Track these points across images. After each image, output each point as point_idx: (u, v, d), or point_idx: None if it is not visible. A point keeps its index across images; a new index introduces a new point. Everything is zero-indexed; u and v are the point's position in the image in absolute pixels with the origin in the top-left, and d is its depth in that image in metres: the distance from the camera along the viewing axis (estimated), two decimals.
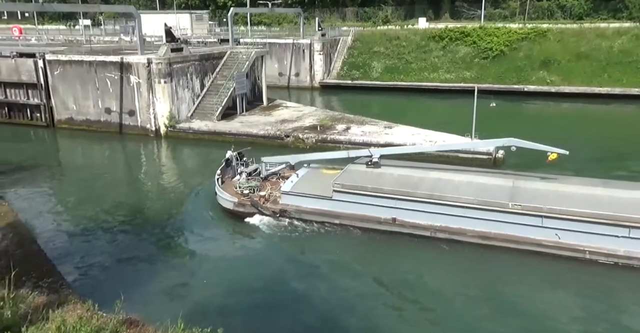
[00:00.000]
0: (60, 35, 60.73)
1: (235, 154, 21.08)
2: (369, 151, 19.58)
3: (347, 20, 74.93)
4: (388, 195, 17.27)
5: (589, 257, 15.24)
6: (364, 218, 17.66)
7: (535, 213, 15.72)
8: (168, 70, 31.27)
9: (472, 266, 15.57)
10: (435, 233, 16.88)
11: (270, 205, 18.86)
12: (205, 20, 70.94)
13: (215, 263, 15.75)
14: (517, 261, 15.56)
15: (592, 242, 15.21)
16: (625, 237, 14.86)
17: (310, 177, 19.70)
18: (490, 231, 16.27)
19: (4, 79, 34.47)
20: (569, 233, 15.47)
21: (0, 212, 14.90)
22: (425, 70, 48.53)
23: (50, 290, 9.07)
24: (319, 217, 18.22)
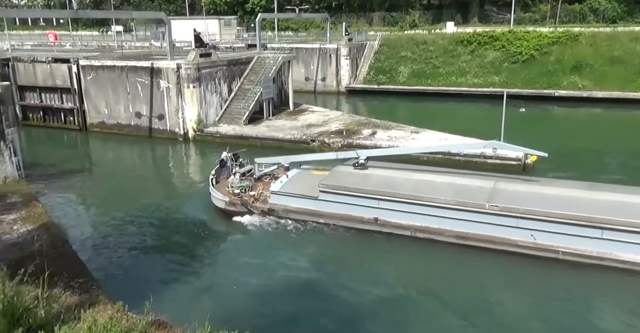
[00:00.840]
0: (93, 41, 62.38)
1: (231, 154, 21.61)
2: (356, 153, 20.12)
3: (374, 24, 74.81)
4: (370, 195, 17.77)
5: (562, 258, 15.48)
6: (348, 217, 18.14)
7: (511, 214, 16.01)
8: (197, 75, 31.77)
9: (447, 266, 15.81)
10: (415, 233, 17.27)
11: (260, 204, 19.41)
12: (233, 26, 71.91)
13: (241, 266, 15.86)
14: (493, 261, 15.80)
15: (566, 242, 15.45)
16: (598, 238, 15.11)
17: (300, 177, 20.27)
18: (468, 231, 16.57)
19: (39, 83, 35.54)
20: (544, 234, 15.72)
21: (34, 213, 15.32)
22: (452, 75, 48.07)
23: (81, 290, 9.29)
24: (305, 216, 18.73)
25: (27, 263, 8.16)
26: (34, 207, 15.96)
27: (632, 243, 14.84)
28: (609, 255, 15.07)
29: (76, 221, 19.68)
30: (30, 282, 6.86)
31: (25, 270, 6.53)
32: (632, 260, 14.84)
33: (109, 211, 20.78)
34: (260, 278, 15.15)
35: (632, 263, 14.84)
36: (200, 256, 16.92)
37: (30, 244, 12.61)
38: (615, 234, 14.95)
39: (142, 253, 17.07)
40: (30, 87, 36.06)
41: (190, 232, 18.86)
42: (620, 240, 14.95)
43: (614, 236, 14.98)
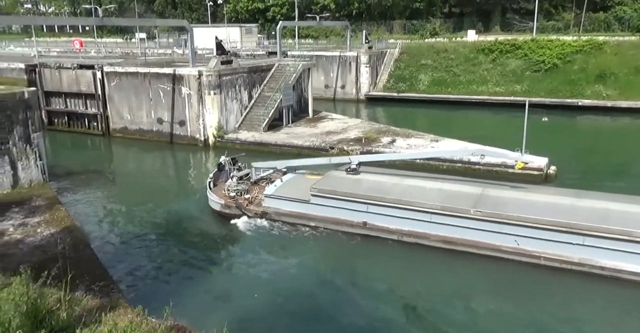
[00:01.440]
0: (117, 47, 63.55)
1: (229, 159, 22.08)
2: (348, 158, 20.81)
3: (394, 32, 74.85)
4: (359, 200, 18.11)
5: (544, 263, 15.59)
6: (338, 221, 18.47)
7: (495, 220, 16.17)
8: (218, 82, 32.10)
9: (431, 270, 16.04)
10: (402, 237, 17.50)
11: (254, 207, 19.88)
12: (254, 34, 72.60)
13: (257, 273, 15.89)
14: (476, 266, 15.93)
15: (548, 248, 15.57)
16: (579, 245, 15.22)
17: (293, 181, 20.73)
18: (453, 236, 16.77)
19: (64, 89, 36.29)
20: (527, 240, 15.84)
21: (57, 216, 15.60)
22: (473, 83, 47.71)
23: (102, 294, 9.40)
24: (297, 219, 19.13)
25: (49, 265, 8.28)
26: (57, 210, 16.26)
27: (612, 250, 14.87)
28: (590, 261, 15.14)
29: (97, 225, 19.96)
30: (53, 285, 6.95)
31: (49, 272, 6.62)
32: (613, 267, 14.87)
33: (129, 215, 21.05)
34: (273, 283, 15.15)
35: (612, 269, 14.88)
36: (218, 260, 16.99)
37: (53, 247, 12.84)
38: (597, 241, 15.02)
39: (160, 257, 17.20)
40: (56, 93, 36.83)
41: (208, 236, 18.99)
42: (601, 246, 15.01)
43: (595, 243, 15.05)
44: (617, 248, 14.78)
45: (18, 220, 15.30)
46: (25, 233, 14.25)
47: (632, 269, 14.68)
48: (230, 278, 15.90)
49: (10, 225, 14.85)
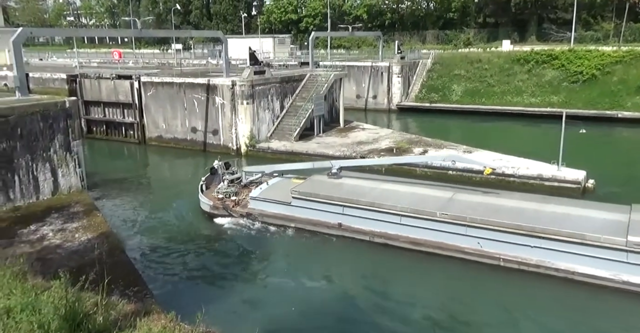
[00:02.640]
0: (154, 58, 65.34)
1: (222, 163, 23.07)
2: (330, 163, 21.96)
3: (427, 43, 74.49)
4: (335, 202, 19.00)
5: (503, 265, 16.11)
6: (316, 222, 19.34)
7: (459, 223, 16.83)
8: (250, 92, 32.53)
9: (396, 270, 16.65)
10: (374, 238, 18.29)
11: (239, 208, 20.92)
12: (287, 44, 73.51)
13: (288, 281, 15.92)
14: (441, 267, 16.54)
15: (508, 250, 16.12)
16: (537, 247, 15.75)
17: (279, 185, 21.72)
18: (420, 238, 17.44)
19: (103, 98, 37.40)
20: (489, 242, 16.41)
21: (94, 222, 16.02)
22: (508, 94, 46.91)
23: (136, 299, 9.57)
24: (279, 220, 20.08)
25: (86, 270, 8.49)
26: (94, 216, 16.69)
27: (568, 253, 15.40)
28: (546, 263, 15.66)
29: (132, 231, 20.39)
30: (90, 289, 7.12)
31: (87, 277, 6.79)
32: (566, 269, 15.39)
33: (163, 222, 21.44)
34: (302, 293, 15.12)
35: (566, 271, 15.39)
36: (250, 268, 17.09)
37: (90, 252, 13.18)
38: (553, 244, 15.57)
39: (192, 263, 17.42)
40: (95, 102, 37.98)
41: (241, 244, 19.16)
42: (557, 249, 15.55)
43: (552, 245, 15.59)
44: (571, 251, 15.35)
45: (57, 225, 15.77)
46: (63, 238, 14.67)
47: (584, 271, 15.17)
48: (260, 284, 15.94)
49: (50, 230, 15.32)
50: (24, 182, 18.62)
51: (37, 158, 19.19)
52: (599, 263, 14.96)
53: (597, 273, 14.94)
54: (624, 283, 14.63)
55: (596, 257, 15.02)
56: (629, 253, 14.63)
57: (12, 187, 18.26)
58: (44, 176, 19.34)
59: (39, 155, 19.26)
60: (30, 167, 18.91)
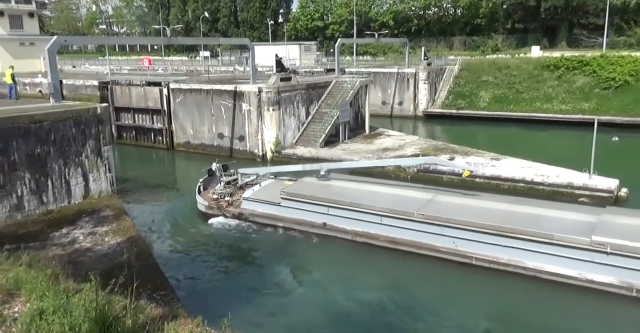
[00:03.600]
0: (183, 65, 66.46)
1: (219, 165, 23.86)
2: (319, 165, 22.89)
3: (454, 49, 73.91)
4: (320, 203, 19.72)
5: (475, 263, 16.64)
6: (303, 222, 20.06)
7: (435, 223, 17.41)
8: (276, 99, 32.76)
9: (374, 268, 17.36)
10: (355, 237, 18.95)
11: (232, 208, 21.68)
12: (313, 51, 73.93)
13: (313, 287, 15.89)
14: (417, 265, 17.14)
15: (480, 249, 16.61)
16: (507, 247, 16.25)
17: (271, 186, 22.54)
18: (399, 237, 18.06)
19: (133, 105, 38.19)
20: (463, 242, 16.94)
21: (123, 226, 16.34)
22: (537, 101, 46.08)
23: (163, 303, 9.70)
24: (268, 220, 20.85)
25: (115, 273, 8.63)
26: (123, 220, 17.02)
27: (536, 252, 15.86)
28: (516, 262, 16.13)
29: (160, 235, 20.66)
30: (119, 292, 7.24)
31: (116, 280, 6.92)
32: (534, 267, 15.87)
33: (191, 226, 21.68)
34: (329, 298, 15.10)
35: (533, 270, 15.87)
36: (276, 274, 17.14)
37: (119, 255, 13.43)
38: (523, 243, 16.03)
39: (218, 268, 17.55)
40: (125, 108, 38.80)
41: (268, 249, 19.28)
42: (526, 248, 16.00)
43: (521, 245, 16.06)
44: (539, 250, 15.82)
45: (88, 229, 16.14)
46: (94, 241, 15.00)
47: (551, 269, 15.65)
48: (285, 290, 15.96)
49: (81, 233, 15.68)
50: (56, 186, 19.13)
51: (69, 163, 19.71)
52: (565, 262, 15.46)
53: (563, 271, 15.46)
54: (588, 281, 15.10)
55: (563, 256, 15.52)
56: (593, 253, 15.10)
57: (46, 190, 18.78)
58: (75, 180, 19.83)
59: (71, 160, 19.78)
60: (62, 171, 19.42)
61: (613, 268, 14.83)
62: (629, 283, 14.62)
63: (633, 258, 14.58)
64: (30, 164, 18.27)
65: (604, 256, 14.93)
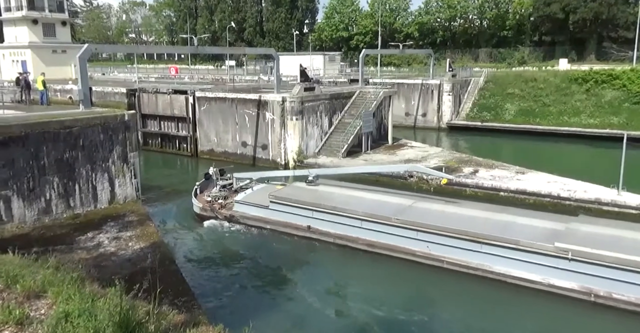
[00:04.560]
0: (209, 74, 67.40)
1: (216, 170, 24.88)
2: (308, 171, 24.21)
3: (479, 61, 73.42)
4: (305, 206, 20.54)
5: (446, 266, 17.33)
6: (289, 225, 20.89)
7: (411, 227, 18.13)
8: (300, 108, 32.94)
9: (355, 270, 18.34)
10: (336, 240, 19.72)
11: (224, 211, 22.62)
12: (337, 61, 74.19)
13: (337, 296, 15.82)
14: (393, 267, 17.93)
15: (452, 254, 17.31)
16: (477, 251, 16.89)
17: (262, 190, 23.41)
18: (377, 240, 18.78)
19: (159, 112, 38.85)
20: (436, 246, 17.63)
21: (147, 232, 16.52)
22: (565, 114, 45.32)
23: (185, 309, 9.76)
24: (257, 222, 21.76)
25: (138, 278, 8.71)
26: (147, 226, 17.21)
27: (504, 257, 16.44)
28: (485, 266, 16.74)
29: (182, 241, 20.89)
30: (142, 298, 7.31)
31: (140, 285, 6.98)
32: (500, 272, 16.46)
33: (213, 233, 21.85)
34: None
35: (500, 274, 16.46)
36: (295, 282, 17.12)
37: (142, 261, 13.58)
38: (491, 248, 16.65)
39: (241, 276, 17.61)
40: (152, 116, 39.50)
41: (287, 257, 19.29)
42: (495, 254, 16.60)
43: (490, 250, 16.67)
44: (506, 256, 16.40)
45: (112, 233, 16.37)
46: (118, 246, 15.19)
47: (517, 274, 16.24)
48: (308, 298, 15.91)
49: (106, 238, 15.91)
50: (83, 190, 19.47)
51: (96, 168, 20.05)
52: (530, 268, 16.04)
53: (528, 276, 16.04)
54: (551, 286, 15.66)
55: (528, 262, 16.09)
56: (555, 259, 15.67)
57: (73, 195, 19.13)
58: (102, 185, 20.16)
59: (98, 165, 20.12)
60: (90, 176, 19.77)
61: (574, 273, 15.39)
62: (589, 288, 15.11)
63: (592, 265, 15.06)
64: (59, 169, 18.65)
65: (566, 262, 15.50)
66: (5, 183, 16.97)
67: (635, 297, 14.47)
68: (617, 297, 14.65)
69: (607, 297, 14.80)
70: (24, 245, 11.56)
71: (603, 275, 14.88)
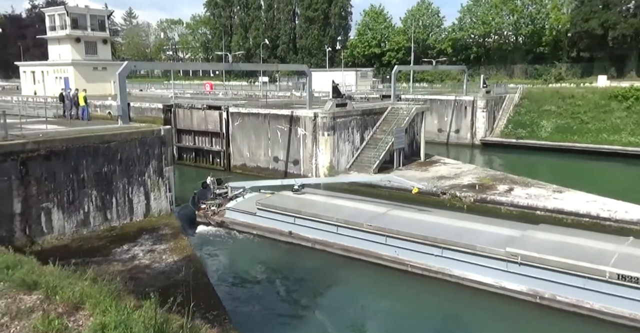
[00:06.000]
0: (242, 90, 68.51)
1: (213, 179, 26.47)
2: (294, 180, 25.76)
3: (514, 77, 72.36)
4: (288, 213, 21.89)
5: (410, 270, 18.35)
6: (273, 230, 22.21)
7: (380, 233, 19.23)
8: (332, 124, 33.05)
9: (331, 273, 19.19)
10: (314, 245, 20.93)
11: (216, 217, 24.04)
12: (369, 77, 74.42)
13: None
14: (363, 271, 18.95)
15: (417, 258, 18.31)
16: (438, 256, 17.87)
17: (252, 198, 24.62)
18: (351, 246, 19.92)
19: (194, 127, 39.65)
20: (403, 250, 18.69)
21: (180, 245, 16.77)
22: (604, 132, 44.02)
23: (216, 323, 9.80)
24: (245, 228, 23.11)
25: (171, 291, 8.82)
26: (180, 239, 17.48)
27: (462, 261, 17.39)
28: (445, 270, 17.68)
29: (214, 254, 21.06)
30: (176, 311, 7.37)
31: (174, 299, 7.06)
32: (458, 275, 17.40)
33: (243, 246, 21.98)
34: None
35: (459, 277, 17.37)
36: (327, 298, 17.00)
37: (175, 274, 13.76)
38: (452, 253, 17.60)
39: (269, 290, 17.61)
40: (187, 131, 40.32)
41: (319, 272, 19.27)
42: (454, 258, 17.56)
43: (449, 254, 17.65)
44: (464, 260, 17.34)
45: (147, 246, 16.68)
46: (152, 259, 15.46)
47: (472, 277, 17.14)
48: (340, 315, 15.76)
49: (141, 250, 16.23)
50: (120, 203, 19.97)
51: (133, 182, 20.56)
52: (485, 271, 16.96)
53: (483, 279, 16.94)
54: (502, 288, 16.52)
55: (482, 266, 17.00)
56: (506, 263, 16.54)
57: (110, 208, 19.64)
58: (138, 199, 20.63)
59: (134, 179, 20.63)
60: (126, 189, 20.28)
61: (523, 277, 16.30)
62: (535, 291, 16.01)
63: (538, 268, 16.00)
64: (98, 182, 19.21)
65: (515, 266, 16.39)
66: (47, 196, 17.57)
67: (576, 298, 15.29)
68: (560, 299, 15.53)
69: (551, 298, 15.68)
70: (64, 256, 11.89)
71: (548, 278, 15.84)
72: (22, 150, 16.86)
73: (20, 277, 7.73)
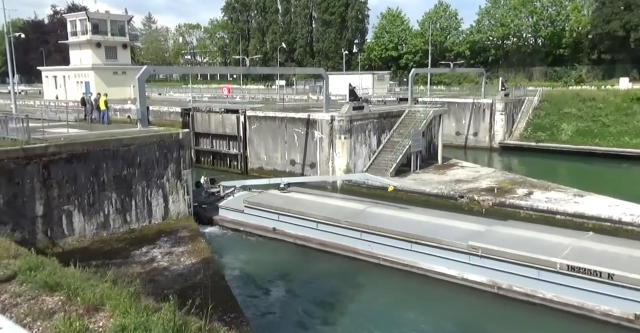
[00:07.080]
0: (259, 94, 68.86)
1: (207, 178, 27.64)
2: (280, 180, 26.87)
3: (533, 79, 71.47)
4: (272, 210, 22.91)
5: (382, 263, 19.26)
6: (259, 227, 23.18)
7: (356, 228, 20.25)
8: (348, 127, 33.01)
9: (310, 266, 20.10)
10: (296, 240, 21.86)
11: (208, 215, 24.84)
12: (386, 80, 74.20)
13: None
14: (340, 265, 19.87)
15: (389, 252, 19.25)
16: (409, 250, 18.79)
17: (241, 197, 25.46)
18: (329, 241, 20.89)
19: (212, 131, 39.93)
20: (376, 245, 19.65)
21: (198, 247, 16.89)
22: (626, 135, 43.20)
23: (234, 326, 9.83)
24: (234, 225, 24.09)
25: (189, 293, 8.88)
26: (198, 242, 17.61)
27: (429, 255, 18.30)
28: (414, 263, 18.56)
29: (231, 258, 21.12)
30: (194, 313, 7.42)
31: (193, 301, 7.11)
32: (426, 268, 18.29)
33: (259, 249, 22.04)
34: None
35: (426, 270, 18.26)
36: (347, 303, 16.95)
37: (193, 276, 13.86)
38: (420, 247, 18.51)
39: (289, 294, 17.60)
40: (204, 134, 40.63)
41: (339, 277, 19.18)
42: (422, 252, 18.44)
43: (418, 249, 18.56)
44: (431, 253, 18.27)
45: (165, 249, 16.84)
46: (170, 261, 15.59)
47: (438, 270, 18.04)
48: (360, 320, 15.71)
49: (159, 253, 16.39)
50: (139, 206, 20.20)
51: (151, 184, 20.80)
52: (449, 264, 17.85)
53: (447, 271, 17.84)
54: (465, 280, 17.40)
55: (447, 259, 17.88)
56: (469, 256, 17.41)
57: (129, 210, 19.88)
58: (156, 201, 20.86)
59: (153, 182, 20.87)
60: (145, 192, 20.52)
61: (483, 269, 17.13)
62: (494, 281, 16.84)
63: (497, 261, 16.81)
64: (117, 185, 19.47)
65: (477, 258, 17.23)
66: (68, 199, 17.86)
67: (531, 289, 16.12)
68: (516, 289, 16.36)
69: (508, 289, 16.53)
70: (84, 258, 12.06)
71: (505, 270, 16.68)
72: (44, 153, 17.19)
73: (42, 279, 7.86)
